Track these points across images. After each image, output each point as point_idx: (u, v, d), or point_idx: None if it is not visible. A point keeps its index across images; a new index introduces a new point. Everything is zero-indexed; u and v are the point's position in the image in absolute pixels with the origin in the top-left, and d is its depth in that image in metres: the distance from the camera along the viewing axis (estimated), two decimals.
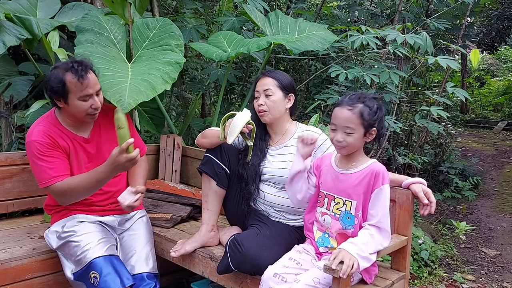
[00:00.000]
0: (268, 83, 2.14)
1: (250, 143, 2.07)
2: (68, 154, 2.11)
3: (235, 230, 2.26)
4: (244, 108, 2.06)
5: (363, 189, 1.81)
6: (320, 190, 1.92)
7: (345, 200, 1.83)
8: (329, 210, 1.88)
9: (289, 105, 2.19)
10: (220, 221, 2.35)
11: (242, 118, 1.99)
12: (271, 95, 2.13)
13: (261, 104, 2.13)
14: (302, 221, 2.12)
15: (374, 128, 1.77)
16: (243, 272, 1.94)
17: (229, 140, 1.97)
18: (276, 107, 2.13)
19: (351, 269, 1.61)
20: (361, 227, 1.83)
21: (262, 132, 2.21)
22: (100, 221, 2.16)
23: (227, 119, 2.05)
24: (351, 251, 1.66)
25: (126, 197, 2.05)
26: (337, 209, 1.85)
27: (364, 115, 1.75)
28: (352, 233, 1.83)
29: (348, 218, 1.83)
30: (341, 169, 1.87)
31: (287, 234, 2.08)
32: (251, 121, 2.03)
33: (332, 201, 1.87)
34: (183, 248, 2.17)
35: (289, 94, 2.18)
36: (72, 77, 1.97)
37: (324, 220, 1.89)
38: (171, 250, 2.19)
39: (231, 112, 2.06)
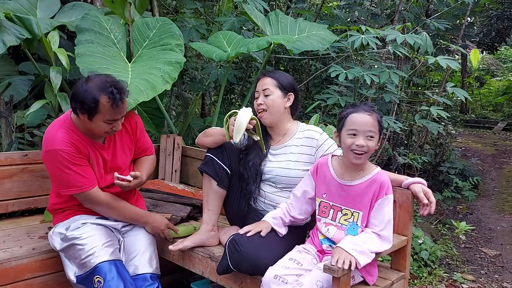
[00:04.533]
0: (267, 83, 2.16)
1: (257, 138, 2.07)
2: (88, 160, 2.11)
3: (235, 230, 2.25)
4: (244, 106, 2.06)
5: (368, 199, 1.82)
6: (325, 201, 1.91)
7: (353, 211, 1.84)
8: (334, 221, 1.88)
9: (288, 104, 2.18)
10: (220, 221, 2.35)
11: (245, 115, 1.99)
12: (270, 95, 2.14)
13: (260, 104, 2.14)
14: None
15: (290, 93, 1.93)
16: (242, 272, 1.94)
17: (236, 139, 1.97)
18: (275, 106, 2.14)
19: (348, 266, 1.62)
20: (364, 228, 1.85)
21: (263, 132, 2.21)
22: (103, 224, 2.16)
23: (229, 118, 2.05)
24: (346, 248, 1.67)
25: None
26: (345, 220, 1.86)
27: (381, 121, 1.82)
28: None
29: (354, 228, 1.85)
30: (346, 181, 1.87)
31: (287, 234, 2.08)
32: (253, 116, 2.03)
33: (339, 212, 1.87)
34: (181, 243, 2.18)
35: (288, 94, 2.18)
36: (107, 101, 1.92)
37: (328, 230, 1.90)
38: (170, 246, 2.20)
39: (232, 111, 2.06)
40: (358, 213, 1.83)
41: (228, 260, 1.92)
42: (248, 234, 1.94)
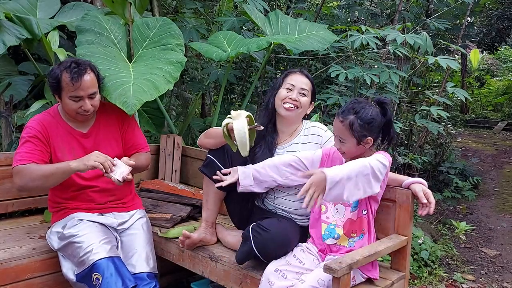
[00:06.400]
0: (306, 83, 2.17)
1: (261, 128, 2.07)
2: (61, 148, 2.14)
3: (232, 228, 2.31)
4: (232, 111, 2.02)
5: None
6: None
7: None
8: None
9: (309, 111, 2.24)
10: (225, 222, 2.36)
11: (241, 127, 1.93)
12: (305, 96, 2.16)
13: (296, 100, 2.14)
14: (308, 222, 2.12)
15: (369, 138, 1.84)
16: (266, 254, 1.89)
17: (245, 153, 1.97)
18: (305, 108, 2.18)
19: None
20: (362, 208, 1.89)
21: (271, 129, 2.21)
22: (99, 222, 2.16)
23: (227, 128, 1.99)
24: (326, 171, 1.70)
25: (117, 171, 2.04)
26: None
27: (354, 127, 1.82)
28: (357, 213, 1.89)
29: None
30: None
31: (296, 228, 2.09)
32: (247, 118, 1.99)
33: None
34: (188, 238, 2.19)
35: (312, 102, 2.23)
36: (66, 76, 2.04)
37: (337, 210, 1.93)
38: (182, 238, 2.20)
39: (226, 120, 1.99)
40: None
41: (253, 243, 1.89)
42: (227, 183, 2.03)
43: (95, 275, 1.93)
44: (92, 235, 2.05)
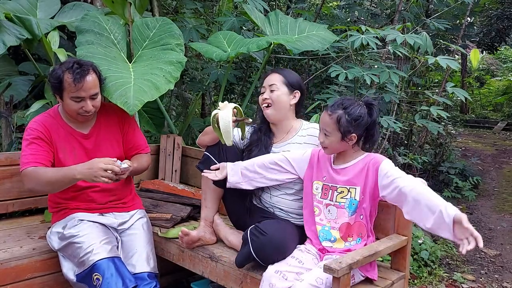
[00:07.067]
0: (274, 79, 2.19)
1: (249, 121, 2.08)
2: (62, 148, 2.15)
3: (230, 227, 2.30)
4: (219, 103, 2.04)
5: (364, 174, 1.89)
6: (326, 183, 1.97)
7: (350, 187, 1.90)
8: (332, 201, 1.93)
9: (294, 101, 2.21)
10: (225, 223, 2.36)
11: (226, 115, 1.96)
12: (276, 90, 2.17)
13: (266, 98, 2.17)
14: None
15: (353, 134, 1.87)
16: (263, 257, 1.87)
17: (229, 143, 1.98)
18: (280, 101, 2.16)
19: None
20: (360, 213, 1.88)
21: (266, 128, 2.23)
22: (100, 222, 2.16)
23: (215, 122, 2.00)
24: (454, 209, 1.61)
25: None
26: (341, 198, 1.91)
27: (341, 122, 1.86)
28: (355, 218, 1.89)
29: (353, 204, 1.89)
30: (339, 165, 1.96)
31: (294, 231, 2.08)
32: (233, 109, 2.00)
33: (335, 191, 1.93)
34: (186, 236, 2.19)
35: (295, 91, 2.21)
36: (68, 77, 2.03)
37: (329, 211, 1.94)
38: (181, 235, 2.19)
39: (214, 112, 2.01)
40: (355, 188, 1.89)
41: (251, 246, 1.88)
42: (215, 178, 2.07)
43: (95, 275, 1.93)
44: (92, 235, 2.05)
